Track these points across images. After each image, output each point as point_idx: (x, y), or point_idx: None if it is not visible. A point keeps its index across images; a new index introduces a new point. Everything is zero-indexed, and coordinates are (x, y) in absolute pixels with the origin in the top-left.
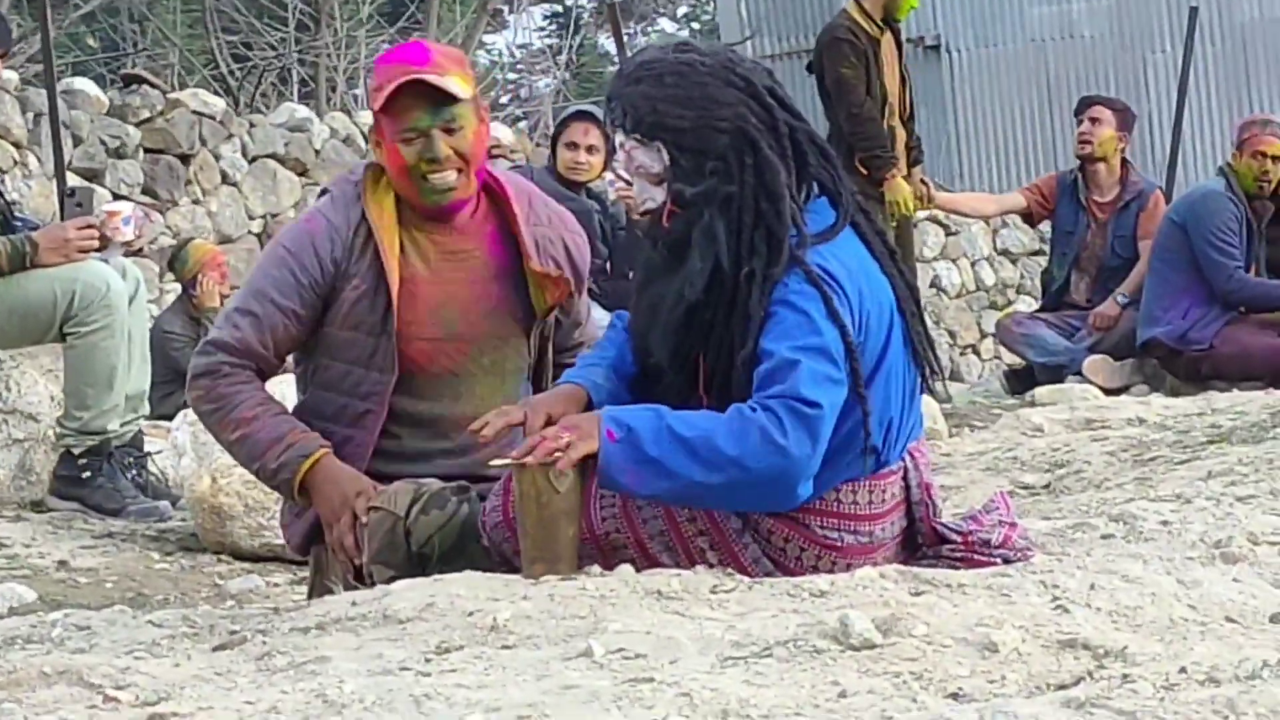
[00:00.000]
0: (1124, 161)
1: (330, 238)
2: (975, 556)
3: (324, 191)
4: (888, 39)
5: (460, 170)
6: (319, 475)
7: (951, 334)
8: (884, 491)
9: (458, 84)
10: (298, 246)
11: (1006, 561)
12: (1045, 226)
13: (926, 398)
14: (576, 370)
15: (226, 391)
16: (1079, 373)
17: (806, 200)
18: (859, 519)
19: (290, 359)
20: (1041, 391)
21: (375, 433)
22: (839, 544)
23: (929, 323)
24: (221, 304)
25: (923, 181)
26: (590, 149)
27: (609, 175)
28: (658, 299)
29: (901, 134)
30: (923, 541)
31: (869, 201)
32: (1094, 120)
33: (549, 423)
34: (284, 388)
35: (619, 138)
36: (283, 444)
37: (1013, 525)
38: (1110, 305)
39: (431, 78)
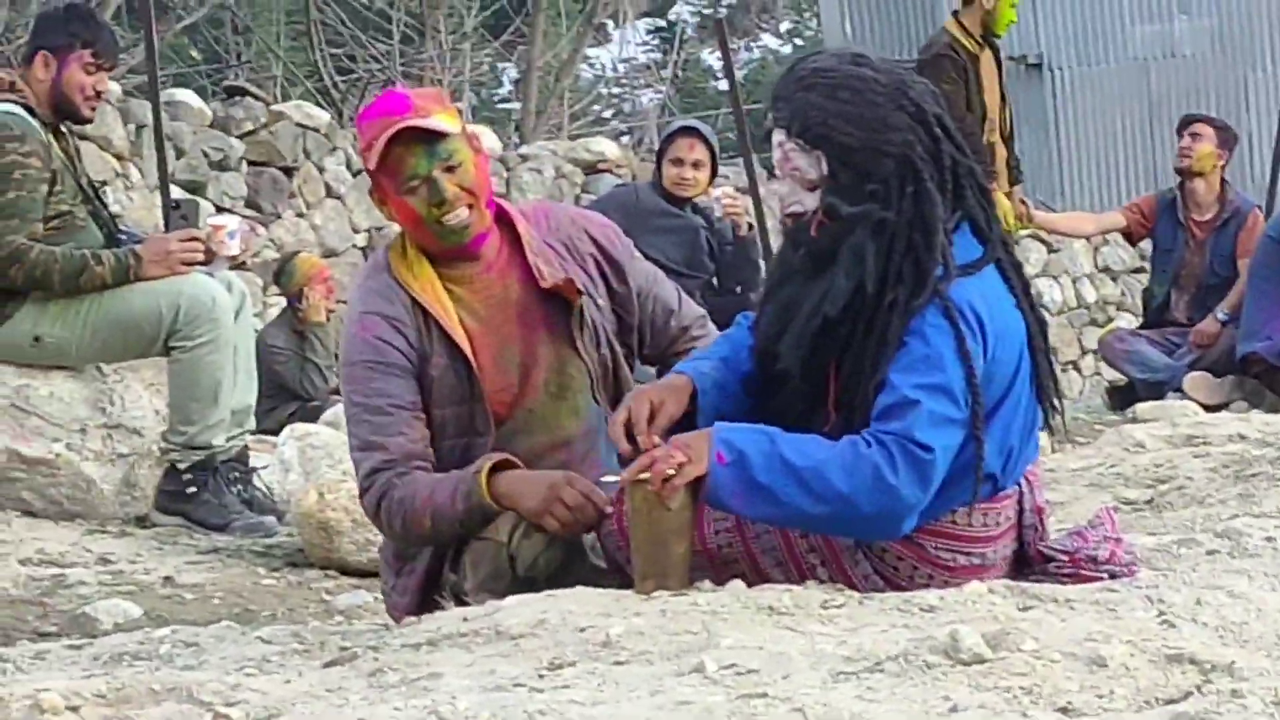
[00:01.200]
0: (1223, 181)
1: (395, 329)
2: (1082, 572)
3: (353, 292)
4: (987, 56)
5: (470, 205)
6: (503, 484)
7: (1054, 350)
8: (998, 515)
9: (443, 121)
10: (373, 353)
11: (1113, 577)
12: (1146, 245)
13: None
14: (686, 361)
15: (402, 495)
16: (1180, 389)
17: (955, 229)
18: (974, 541)
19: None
20: (1143, 408)
21: None
22: (951, 564)
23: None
24: (328, 318)
25: (1022, 201)
26: (696, 164)
27: (714, 191)
28: (793, 304)
29: (1001, 151)
30: (1030, 561)
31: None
32: (1195, 136)
33: (652, 413)
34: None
35: (779, 136)
36: (457, 484)
37: (1118, 541)
38: (1210, 322)
39: (418, 121)
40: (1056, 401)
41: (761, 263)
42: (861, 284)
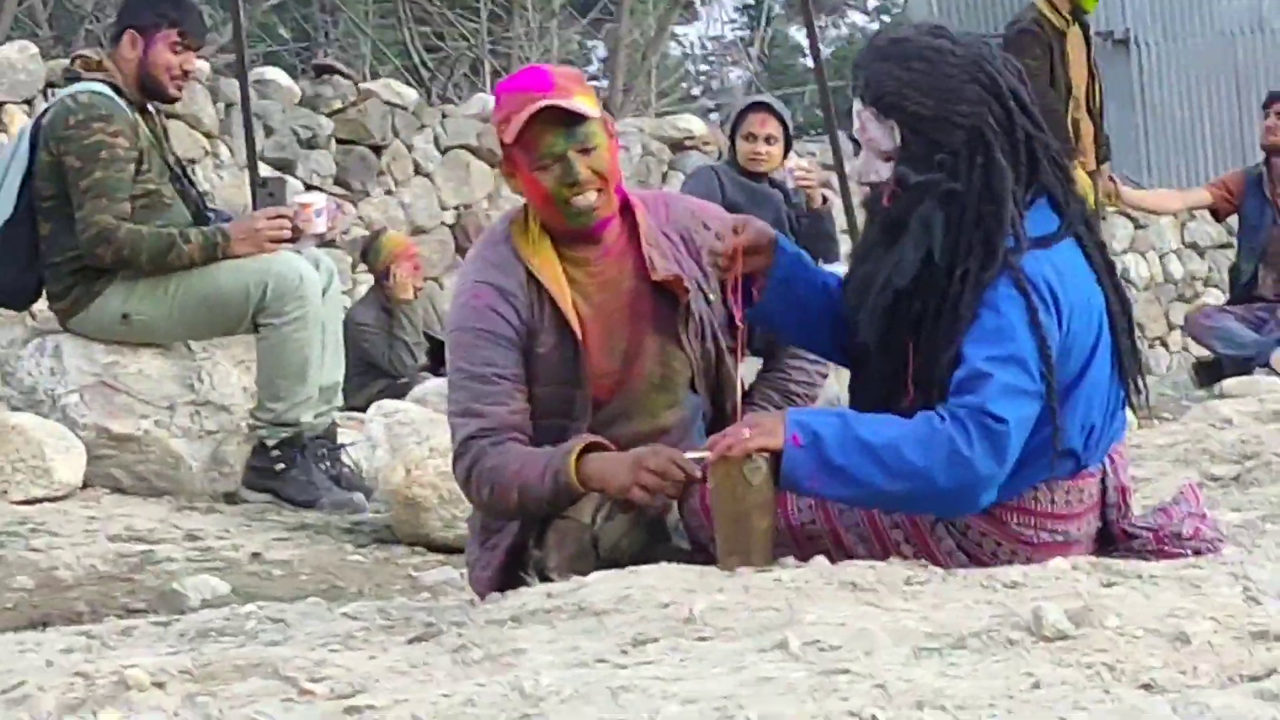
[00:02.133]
0: None
1: (507, 301)
2: (1166, 549)
3: (466, 262)
4: (1075, 32)
5: (600, 190)
6: (591, 465)
7: (1140, 326)
8: (1081, 493)
9: (585, 103)
10: (484, 321)
11: (1197, 553)
12: (1234, 221)
13: None
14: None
15: (494, 465)
16: (1268, 364)
17: (1031, 204)
18: (1056, 518)
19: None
20: (1230, 383)
21: None
22: (1034, 541)
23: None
24: (415, 296)
25: (1110, 178)
26: (769, 139)
27: (789, 163)
28: (869, 277)
29: (1088, 127)
30: (1115, 539)
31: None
32: None
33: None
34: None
35: (857, 105)
36: (547, 462)
37: (1203, 517)
38: None
39: (560, 101)
40: (1139, 381)
41: (839, 235)
42: (930, 255)
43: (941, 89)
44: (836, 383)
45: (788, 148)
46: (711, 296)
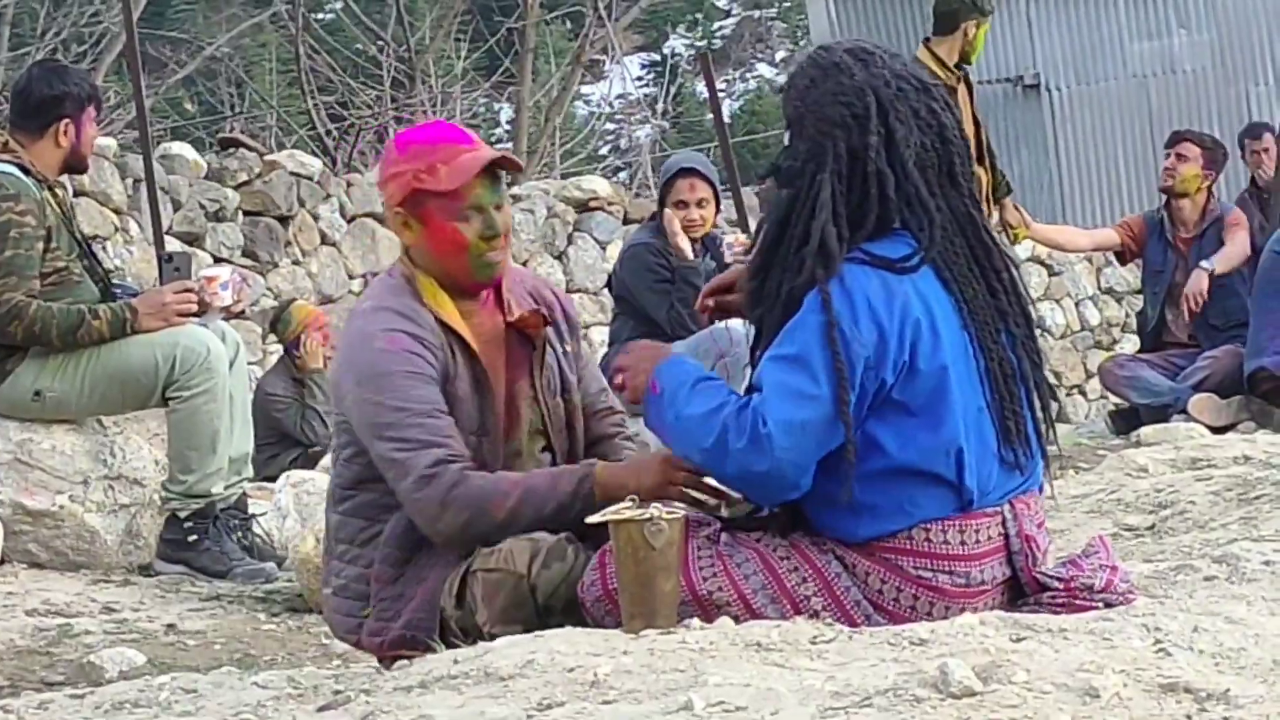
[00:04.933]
0: (1208, 194)
1: (425, 346)
2: (1077, 602)
3: (360, 311)
4: (962, 87)
5: (505, 245)
6: (612, 471)
7: (1057, 375)
8: (976, 533)
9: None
10: (410, 364)
11: (1108, 605)
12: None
13: None
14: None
15: (483, 484)
16: (1185, 411)
17: (888, 233)
18: (952, 559)
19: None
20: (1147, 431)
21: None
22: (933, 583)
23: (1045, 402)
24: (325, 365)
25: (1016, 208)
26: (699, 203)
27: (728, 238)
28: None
29: (982, 175)
30: (1026, 590)
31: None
32: (1180, 156)
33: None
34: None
35: None
36: (560, 476)
37: (1114, 569)
38: (1198, 277)
39: (496, 154)
40: (1012, 428)
41: None
42: (762, 261)
43: (811, 99)
44: None
45: (717, 207)
46: (558, 349)
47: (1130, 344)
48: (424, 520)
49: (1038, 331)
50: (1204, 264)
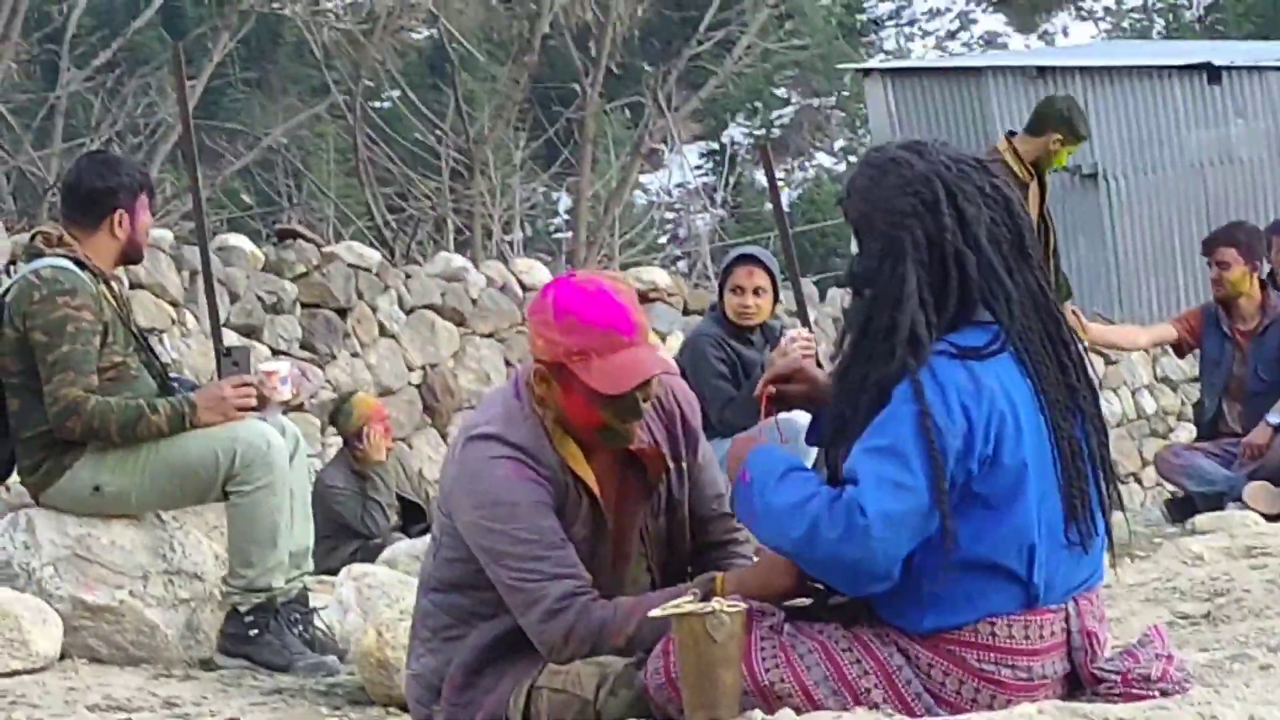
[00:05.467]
0: (1263, 285)
1: (543, 478)
2: (1133, 691)
3: (483, 435)
4: (1034, 186)
5: (640, 417)
6: (738, 579)
7: (1108, 463)
8: (1040, 629)
9: (663, 349)
10: (533, 493)
11: (1165, 695)
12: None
13: None
14: None
15: (604, 615)
16: (1240, 499)
17: (971, 322)
18: (1015, 653)
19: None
20: (1202, 519)
21: None
22: (995, 677)
23: (1110, 479)
24: (387, 457)
25: (1074, 313)
26: (756, 291)
27: (791, 333)
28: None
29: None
30: (1083, 684)
31: None
32: (1220, 264)
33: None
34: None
35: None
36: (678, 590)
37: (1170, 658)
38: (1261, 430)
39: (658, 366)
40: (1082, 519)
41: None
42: (849, 354)
43: (875, 196)
44: None
45: (776, 297)
46: (671, 466)
47: (1186, 432)
48: (547, 649)
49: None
50: (1271, 418)
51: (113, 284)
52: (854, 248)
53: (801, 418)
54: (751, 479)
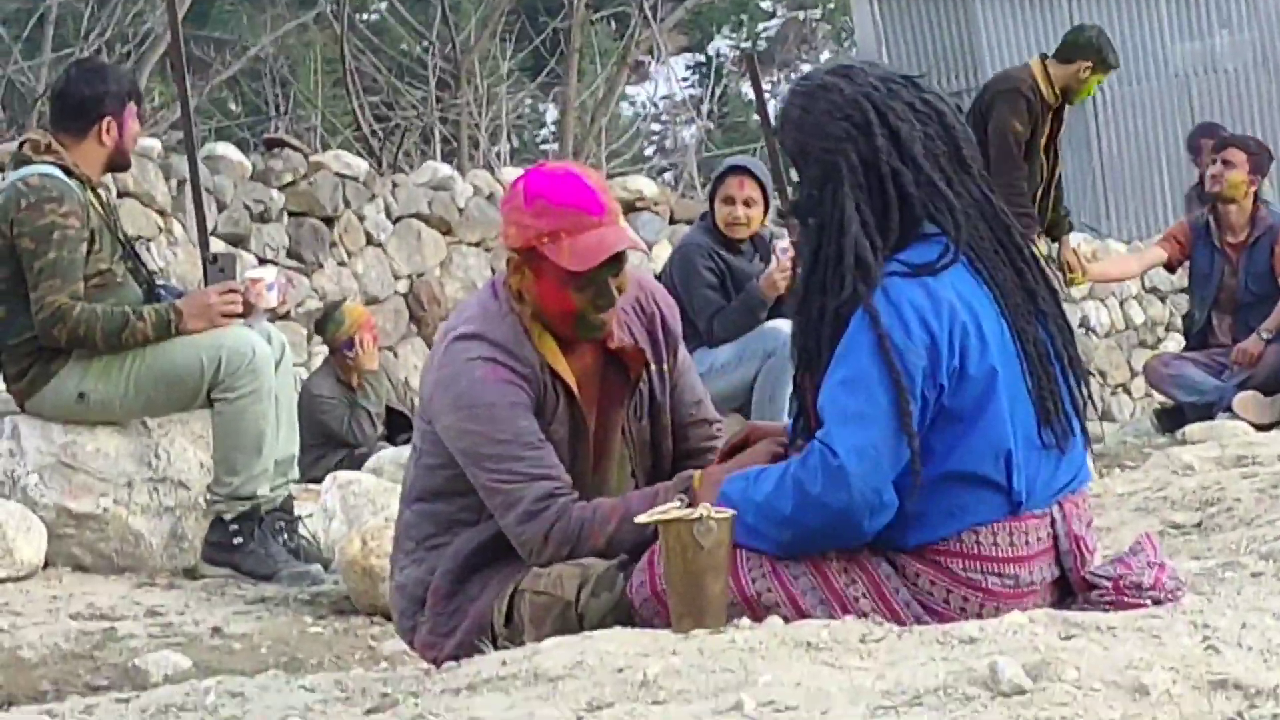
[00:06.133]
0: (1255, 199)
1: (523, 378)
2: (1125, 599)
3: (461, 335)
4: (1054, 113)
5: (615, 305)
6: (713, 478)
7: (1102, 374)
8: (1025, 535)
9: (632, 230)
10: (510, 394)
11: (1157, 603)
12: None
13: None
14: None
15: (582, 515)
16: (1230, 409)
17: (919, 236)
18: (1000, 561)
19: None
20: (1192, 429)
21: None
22: (984, 586)
23: (1080, 378)
24: (378, 366)
25: (1073, 252)
26: (747, 202)
27: (781, 244)
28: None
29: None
30: (1074, 589)
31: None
32: (1226, 162)
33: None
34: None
35: None
36: (659, 494)
37: (1162, 566)
38: (1254, 341)
39: (628, 243)
40: (1056, 417)
41: None
42: (803, 286)
43: (807, 124)
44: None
45: (766, 209)
46: (653, 369)
47: (1175, 343)
48: (526, 551)
49: (1073, 321)
50: (1263, 332)
51: (100, 191)
52: (794, 176)
53: (788, 326)
54: (733, 501)
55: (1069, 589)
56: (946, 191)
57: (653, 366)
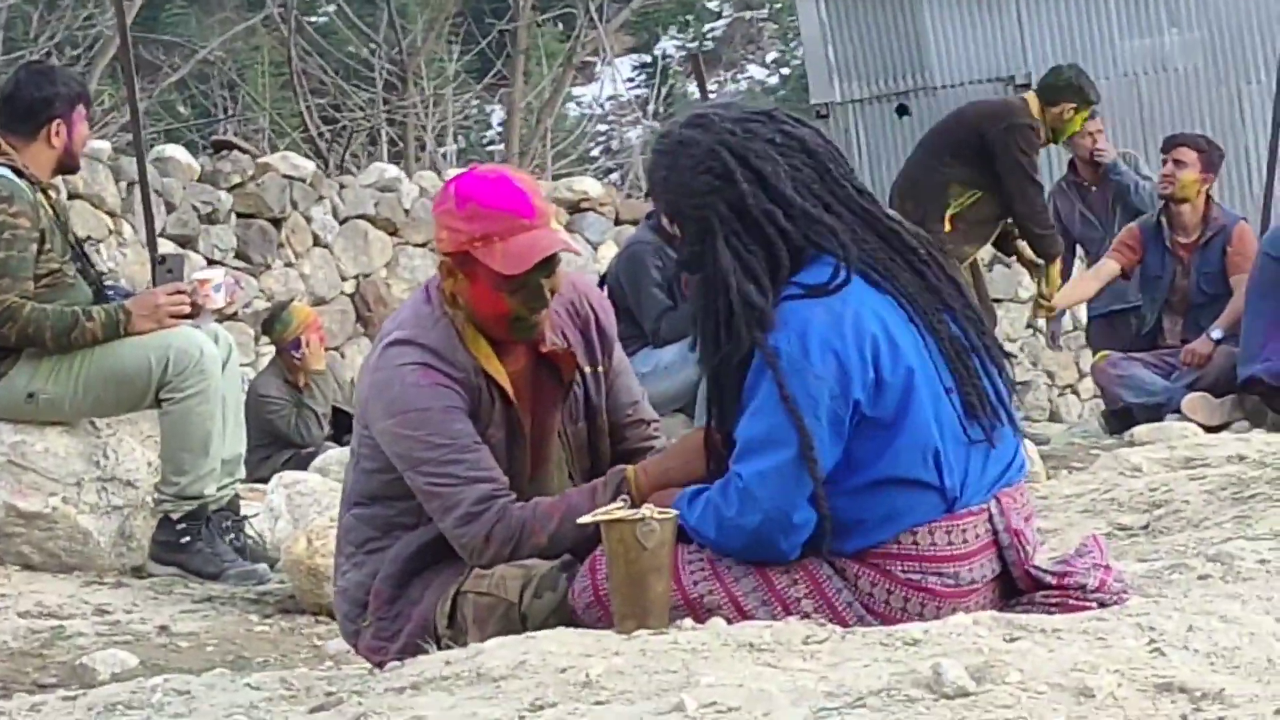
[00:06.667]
0: (1208, 199)
1: (456, 381)
2: (1071, 601)
3: (394, 341)
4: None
5: (547, 307)
6: (648, 472)
7: (1050, 375)
8: (964, 533)
9: (565, 232)
10: (444, 398)
11: (1102, 605)
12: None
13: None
14: None
15: (523, 515)
16: (1178, 410)
17: (800, 264)
18: (940, 560)
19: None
20: (1140, 430)
21: None
22: (924, 585)
23: (1000, 365)
24: (324, 367)
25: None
26: None
27: None
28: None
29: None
30: (1020, 586)
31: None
32: (1177, 162)
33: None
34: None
35: None
36: (596, 490)
37: (1108, 568)
38: (1203, 342)
39: (560, 244)
40: (984, 411)
41: None
42: (701, 343)
43: (675, 184)
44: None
45: None
46: (587, 370)
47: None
48: (468, 553)
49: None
50: (1213, 333)
51: (50, 193)
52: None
53: None
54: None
55: (1013, 585)
56: (824, 217)
57: (586, 369)
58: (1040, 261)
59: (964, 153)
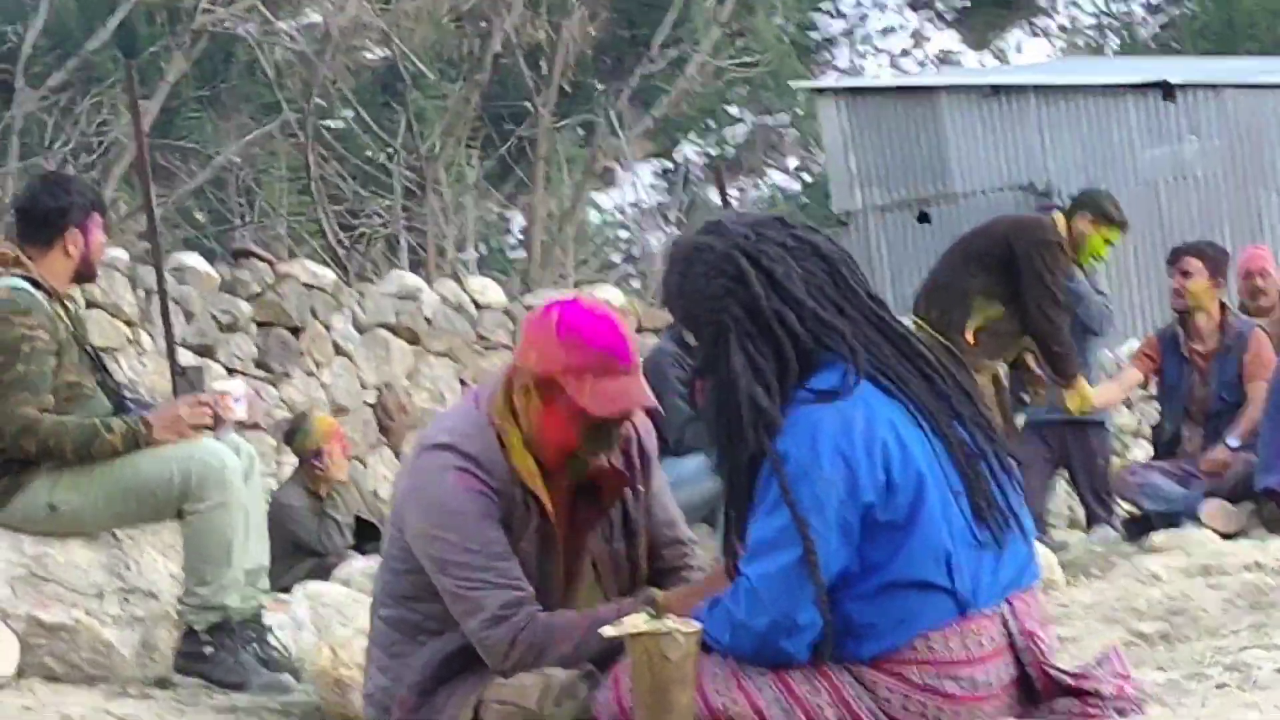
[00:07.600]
0: (1223, 306)
1: (492, 490)
2: (1090, 711)
3: (435, 445)
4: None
5: (612, 452)
6: (678, 599)
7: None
8: (978, 637)
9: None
10: (482, 506)
11: (1120, 714)
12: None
13: (1043, 548)
14: None
15: (549, 623)
16: (1196, 517)
17: (812, 367)
18: (955, 664)
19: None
20: (1159, 537)
21: None
22: (940, 690)
23: (1010, 471)
24: (346, 477)
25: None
26: None
27: None
28: None
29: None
30: (1038, 687)
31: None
32: (1184, 273)
33: None
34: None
35: None
36: (623, 609)
37: (1126, 678)
38: (1221, 451)
39: (646, 400)
40: (991, 516)
41: None
42: (715, 447)
43: (690, 290)
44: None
45: None
46: (638, 488)
47: (1142, 450)
48: (491, 658)
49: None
50: (1230, 441)
51: (67, 303)
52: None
53: None
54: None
55: (1032, 688)
56: (835, 320)
57: (629, 490)
58: (1041, 374)
59: (990, 263)
